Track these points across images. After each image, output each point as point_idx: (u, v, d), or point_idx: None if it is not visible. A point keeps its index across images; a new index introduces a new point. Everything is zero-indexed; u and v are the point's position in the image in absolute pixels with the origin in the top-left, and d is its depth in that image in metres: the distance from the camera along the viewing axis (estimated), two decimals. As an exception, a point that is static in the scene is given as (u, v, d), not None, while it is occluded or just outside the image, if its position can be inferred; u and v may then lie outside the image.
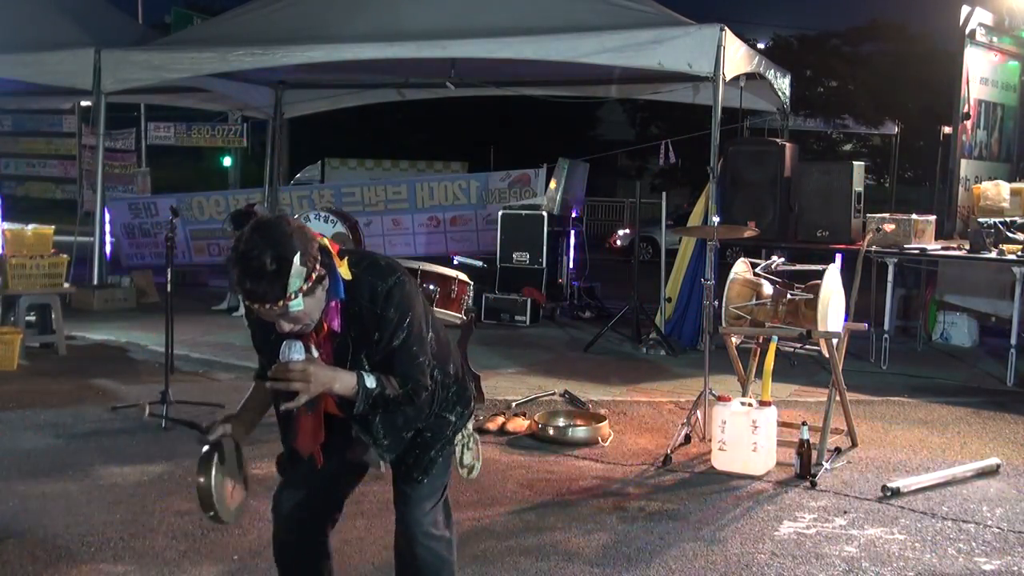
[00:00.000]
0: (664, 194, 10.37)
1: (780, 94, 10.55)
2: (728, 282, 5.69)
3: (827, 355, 5.59)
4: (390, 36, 9.50)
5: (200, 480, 2.65)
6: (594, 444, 5.72)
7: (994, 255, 7.79)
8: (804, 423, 5.20)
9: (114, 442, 5.58)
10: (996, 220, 8.26)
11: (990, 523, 4.56)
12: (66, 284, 8.33)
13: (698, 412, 5.79)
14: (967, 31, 9.42)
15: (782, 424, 5.51)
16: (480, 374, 6.72)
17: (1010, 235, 7.99)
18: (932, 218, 8.62)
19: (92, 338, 8.87)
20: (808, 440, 5.14)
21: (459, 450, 2.97)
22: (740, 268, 5.78)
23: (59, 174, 15.42)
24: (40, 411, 6.21)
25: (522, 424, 5.99)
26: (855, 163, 8.98)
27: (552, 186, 11.43)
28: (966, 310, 9.31)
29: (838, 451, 5.55)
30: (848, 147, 27.75)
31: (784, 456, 5.29)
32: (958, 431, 6.25)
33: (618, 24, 8.93)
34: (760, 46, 20.99)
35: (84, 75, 10.32)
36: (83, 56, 10.30)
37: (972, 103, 9.65)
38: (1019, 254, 7.63)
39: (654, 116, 27.88)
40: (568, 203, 11.37)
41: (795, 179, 8.84)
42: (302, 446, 2.78)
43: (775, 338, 5.65)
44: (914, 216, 8.38)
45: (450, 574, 2.95)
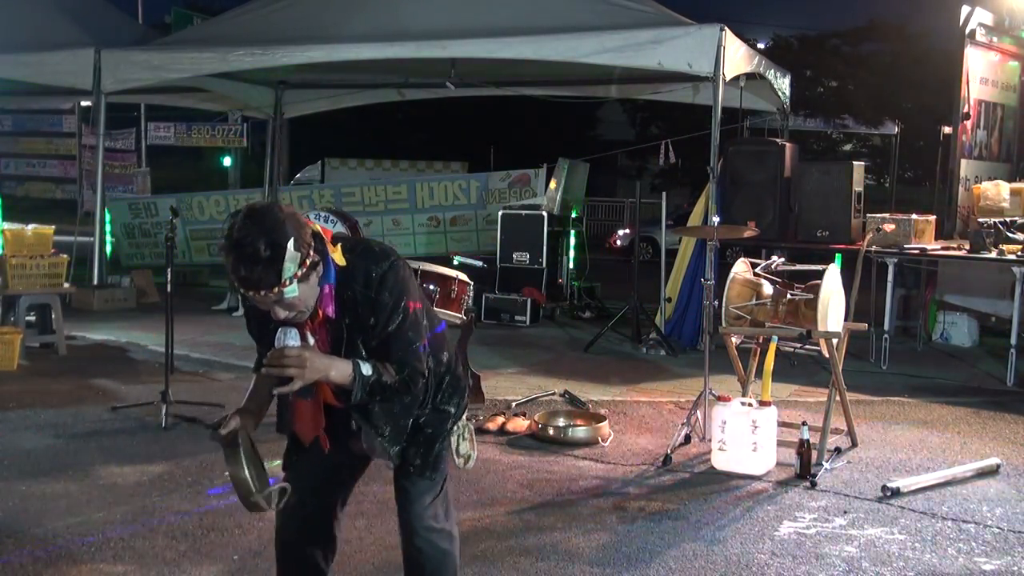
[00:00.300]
0: (664, 194, 10.37)
1: (780, 94, 10.55)
2: (728, 282, 5.68)
3: (827, 355, 5.59)
4: (390, 36, 9.51)
5: (231, 470, 2.59)
6: (594, 444, 5.71)
7: (994, 255, 7.79)
8: (804, 423, 5.20)
9: (114, 442, 5.58)
10: (996, 220, 8.26)
11: (990, 523, 4.56)
12: (66, 284, 8.33)
13: (698, 412, 5.79)
14: (967, 31, 9.42)
15: (782, 424, 5.51)
16: (480, 374, 6.72)
17: (1010, 235, 7.99)
18: (932, 218, 8.62)
19: (92, 338, 8.87)
20: (808, 440, 5.14)
21: (455, 440, 2.95)
22: (740, 268, 5.78)
23: (59, 174, 15.43)
24: (40, 411, 6.21)
25: (522, 424, 5.99)
26: (855, 163, 8.97)
27: (552, 186, 11.43)
28: (966, 310, 9.31)
29: (838, 451, 5.55)
30: (848, 147, 27.75)
31: (784, 456, 5.29)
32: (958, 431, 6.24)
33: (618, 24, 8.93)
34: (760, 46, 21.00)
35: (84, 75, 10.32)
36: (83, 56, 10.30)
37: (972, 103, 9.65)
38: (1019, 254, 7.64)
39: (654, 116, 27.89)
40: (568, 203, 11.37)
41: (795, 179, 8.84)
42: (303, 432, 2.77)
43: (775, 338, 5.65)
44: (914, 216, 8.38)
45: (453, 566, 2.96)
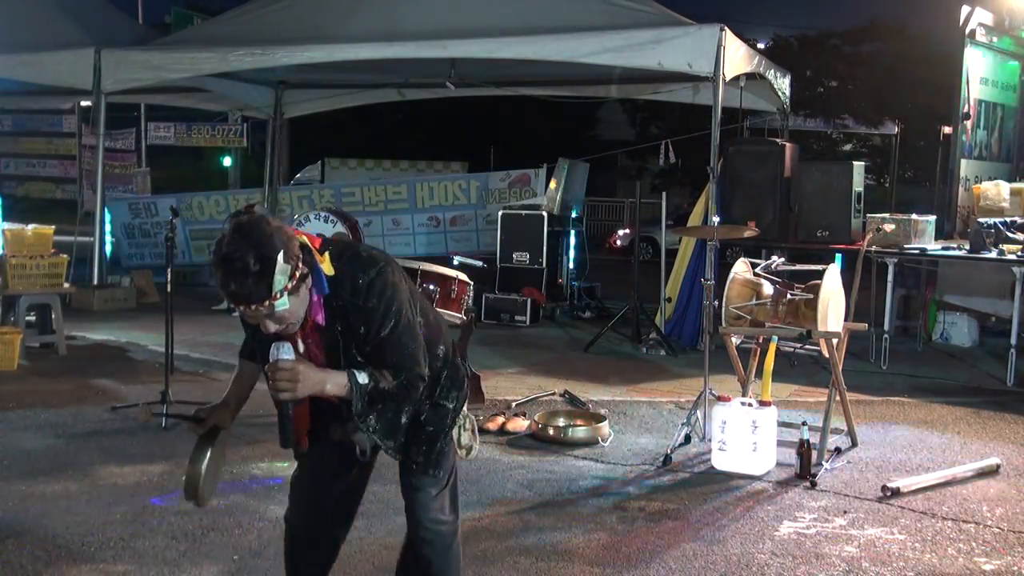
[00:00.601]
0: (664, 194, 10.37)
1: (780, 94, 10.55)
2: (728, 282, 5.68)
3: (827, 355, 5.59)
4: (390, 36, 9.51)
5: (190, 467, 2.73)
6: (594, 444, 5.71)
7: (994, 255, 7.80)
8: (804, 423, 5.20)
9: (114, 442, 5.58)
10: (996, 220, 8.26)
11: (990, 523, 4.56)
12: (66, 284, 8.33)
13: (698, 412, 5.79)
14: (967, 31, 9.43)
15: (782, 424, 5.51)
16: (480, 374, 6.73)
17: (1010, 235, 7.99)
18: (932, 218, 8.62)
19: (92, 338, 8.88)
20: (808, 440, 5.14)
21: (456, 432, 2.96)
22: (740, 268, 5.78)
23: (59, 174, 15.42)
24: (40, 411, 6.21)
25: (522, 424, 5.99)
26: (855, 163, 8.97)
27: (552, 186, 11.42)
28: (966, 310, 9.31)
29: (838, 451, 5.55)
30: (848, 147, 27.72)
31: (784, 456, 5.29)
32: (958, 431, 6.24)
33: (618, 24, 8.93)
34: (760, 46, 20.97)
35: (84, 75, 10.32)
36: (83, 56, 10.30)
37: (972, 103, 9.66)
38: (1019, 254, 7.64)
39: (654, 116, 27.86)
40: (568, 203, 11.37)
41: (795, 179, 8.84)
42: (295, 436, 2.75)
43: (775, 338, 5.65)
44: (914, 216, 8.38)
45: (457, 559, 2.97)
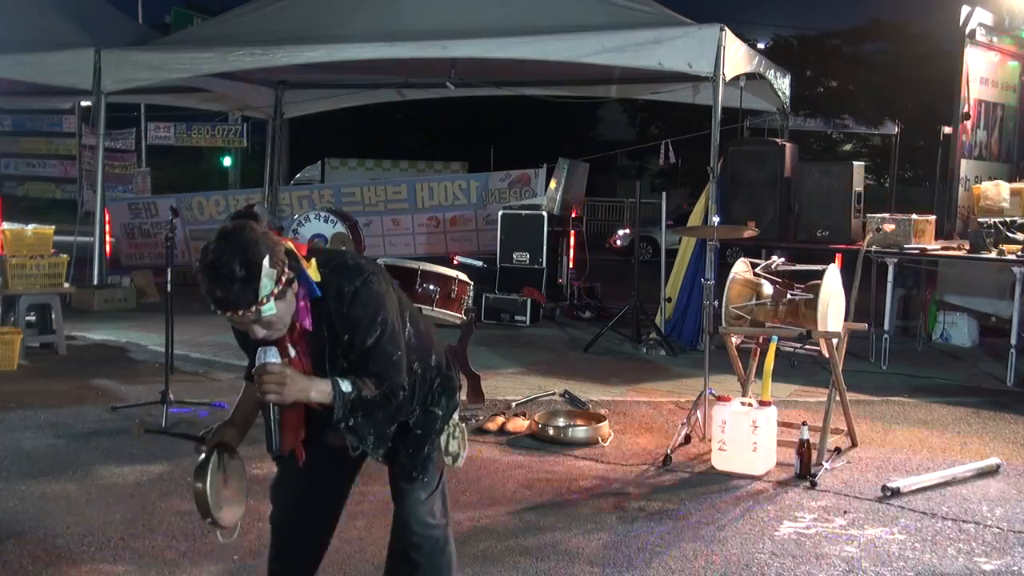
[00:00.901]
0: (664, 194, 10.36)
1: (780, 94, 10.55)
2: (728, 282, 5.68)
3: (827, 355, 5.58)
4: (390, 36, 9.51)
5: (197, 486, 2.65)
6: (594, 444, 5.71)
7: (994, 255, 7.79)
8: (804, 423, 5.20)
9: (114, 442, 5.58)
10: (996, 220, 8.26)
11: (990, 523, 4.56)
12: (66, 284, 8.33)
13: (698, 412, 5.79)
14: (967, 31, 9.42)
15: (782, 424, 5.51)
16: (480, 374, 6.73)
17: (1010, 235, 7.99)
18: (932, 218, 8.61)
19: (92, 338, 8.88)
20: (808, 440, 5.14)
21: (444, 438, 2.95)
22: (740, 268, 5.78)
23: (59, 174, 15.43)
24: (40, 411, 6.21)
25: (522, 424, 5.99)
26: (855, 163, 8.98)
27: (552, 186, 11.42)
28: (966, 310, 9.31)
29: (838, 451, 5.55)
30: (848, 147, 27.72)
31: (784, 456, 5.29)
32: (958, 431, 6.24)
33: (618, 24, 8.93)
34: (760, 46, 20.97)
35: (84, 75, 10.31)
36: (83, 56, 10.30)
37: (972, 103, 9.65)
38: (1019, 254, 7.63)
39: (654, 116, 27.88)
40: (568, 203, 11.37)
41: (795, 179, 8.84)
42: (283, 442, 2.77)
43: (775, 338, 5.65)
44: (914, 216, 8.38)
45: (449, 561, 2.97)
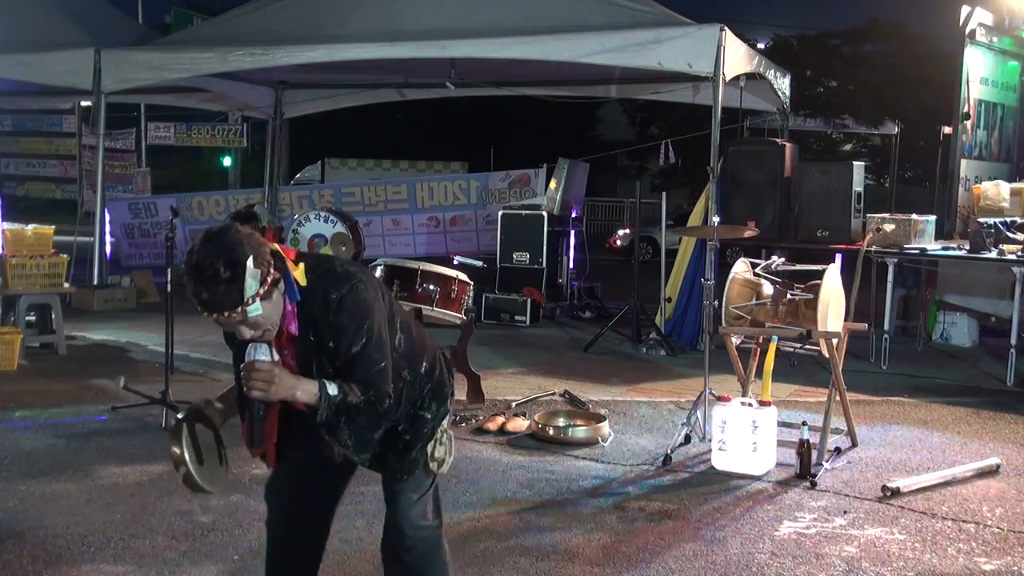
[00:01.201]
0: (664, 194, 10.35)
1: (780, 94, 10.55)
2: (728, 282, 5.68)
3: (827, 355, 5.58)
4: (390, 36, 9.51)
5: (171, 451, 2.66)
6: (594, 444, 5.71)
7: (994, 255, 7.79)
8: (804, 423, 5.20)
9: (114, 442, 5.58)
10: (996, 220, 8.25)
11: (990, 523, 4.56)
12: (66, 284, 8.33)
13: (698, 412, 5.79)
14: (967, 31, 9.42)
15: (782, 424, 5.51)
16: (480, 374, 6.73)
17: (1010, 235, 7.98)
18: (932, 218, 8.61)
19: (92, 338, 8.87)
20: (808, 440, 5.14)
21: (431, 445, 2.94)
22: (740, 268, 5.78)
23: (59, 174, 15.42)
24: (40, 411, 6.21)
25: (522, 424, 5.99)
26: (855, 163, 8.96)
27: (552, 186, 11.42)
28: (966, 310, 9.31)
29: (838, 451, 5.55)
30: (848, 147, 27.72)
31: (784, 456, 5.29)
32: (958, 431, 6.24)
33: (618, 24, 8.92)
34: (760, 46, 20.96)
35: (84, 75, 10.30)
36: (83, 56, 10.29)
37: (972, 103, 9.65)
38: (1019, 254, 7.63)
39: (654, 116, 27.87)
40: (568, 203, 11.37)
41: (795, 179, 8.83)
42: (264, 439, 2.76)
43: (775, 338, 5.65)
44: (914, 216, 8.37)
45: (442, 562, 2.98)
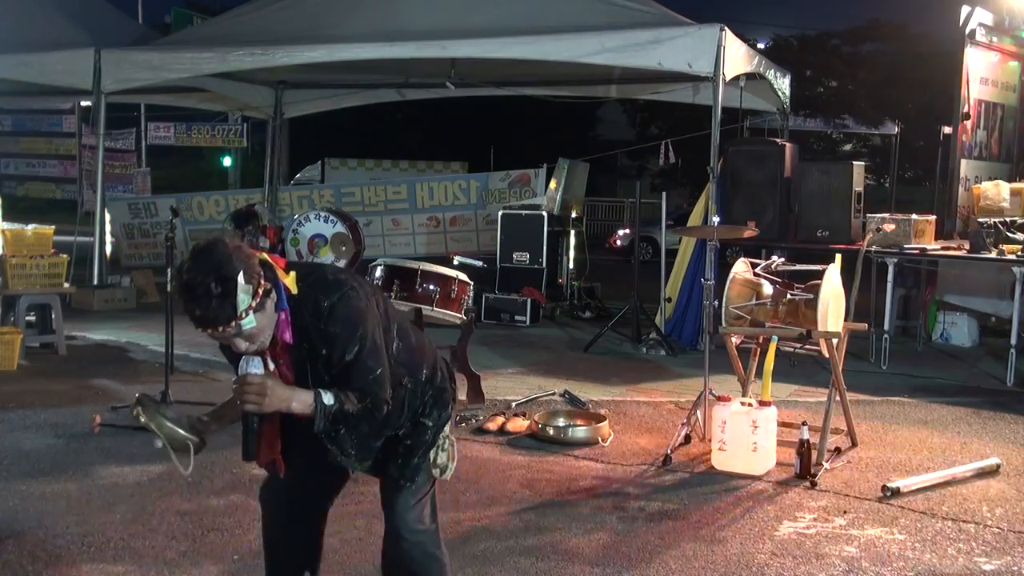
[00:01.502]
0: (664, 194, 10.36)
1: (780, 94, 10.55)
2: (728, 282, 5.68)
3: (827, 355, 5.58)
4: (390, 36, 9.51)
5: (141, 419, 2.72)
6: (594, 444, 5.71)
7: (994, 255, 7.79)
8: (804, 423, 5.20)
9: (114, 442, 5.57)
10: (996, 220, 8.26)
11: (990, 523, 4.56)
12: (66, 284, 8.33)
13: (698, 412, 5.79)
14: (967, 31, 9.42)
15: (782, 424, 5.51)
16: (480, 374, 6.73)
17: (1010, 235, 7.99)
18: (932, 218, 8.61)
19: (92, 338, 8.87)
20: (808, 440, 5.14)
21: (433, 451, 2.95)
22: (740, 268, 5.78)
23: (59, 174, 15.43)
24: (40, 411, 6.20)
25: (522, 424, 5.99)
26: (855, 163, 8.97)
27: (552, 186, 11.43)
28: (966, 310, 9.31)
29: (838, 451, 5.55)
30: (848, 147, 27.75)
31: (784, 456, 5.29)
32: (958, 431, 6.24)
33: (618, 24, 8.92)
34: (760, 46, 20.99)
35: (84, 75, 10.31)
36: (83, 56, 10.29)
37: (972, 103, 9.65)
38: (1019, 254, 7.63)
39: (654, 116, 27.91)
40: (568, 203, 11.36)
41: (795, 179, 8.84)
42: (260, 455, 2.77)
43: (775, 338, 5.65)
44: (914, 216, 8.37)
45: (439, 566, 2.98)
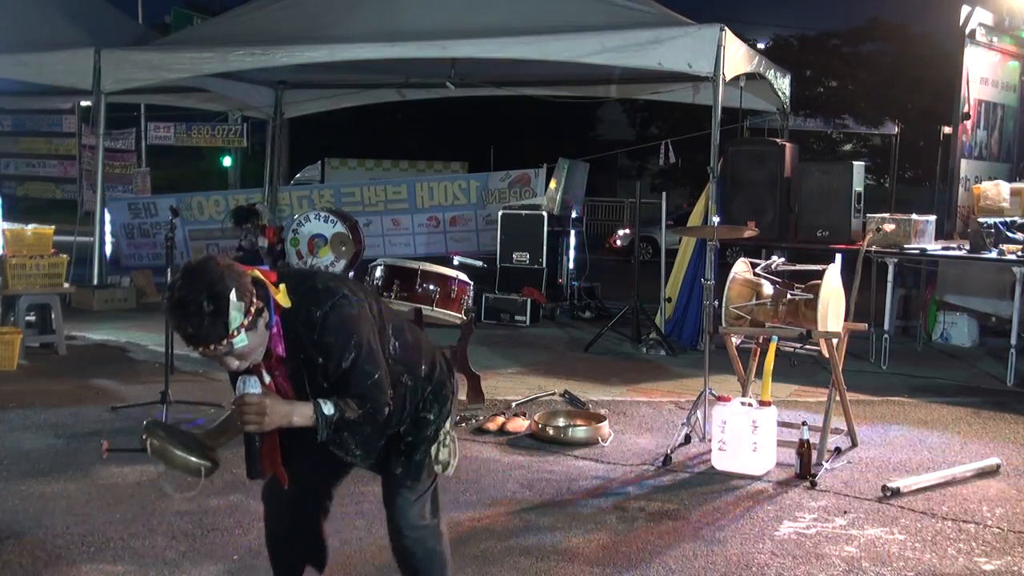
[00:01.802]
0: (664, 194, 10.36)
1: (780, 94, 10.55)
2: (728, 282, 5.68)
3: (827, 355, 5.58)
4: (390, 36, 9.51)
5: (152, 442, 2.67)
6: (594, 444, 5.71)
7: (994, 255, 7.79)
8: (804, 423, 5.20)
9: (114, 442, 5.56)
10: (996, 220, 8.25)
11: (990, 523, 4.56)
12: (66, 284, 8.33)
13: (698, 412, 5.79)
14: (967, 31, 9.42)
15: (782, 424, 5.50)
16: (480, 374, 6.73)
17: (1010, 235, 7.98)
18: (932, 218, 8.61)
19: (92, 338, 8.87)
20: (808, 440, 5.14)
21: (435, 448, 2.95)
22: (740, 268, 5.78)
23: (59, 174, 15.41)
24: (40, 411, 6.20)
25: (522, 424, 5.99)
26: (855, 163, 8.97)
27: (552, 186, 11.42)
28: (966, 310, 9.31)
29: (838, 451, 5.55)
30: (848, 147, 27.76)
31: (784, 456, 5.29)
32: (958, 431, 6.24)
33: (618, 24, 8.92)
34: (760, 46, 20.99)
35: (84, 75, 10.30)
36: (83, 56, 10.29)
37: (972, 103, 9.65)
38: (1019, 254, 7.63)
39: (654, 116, 27.92)
40: (568, 203, 11.36)
41: (795, 179, 8.84)
42: (262, 469, 2.78)
43: (775, 338, 5.65)
44: (914, 216, 8.37)
45: (440, 561, 3.00)
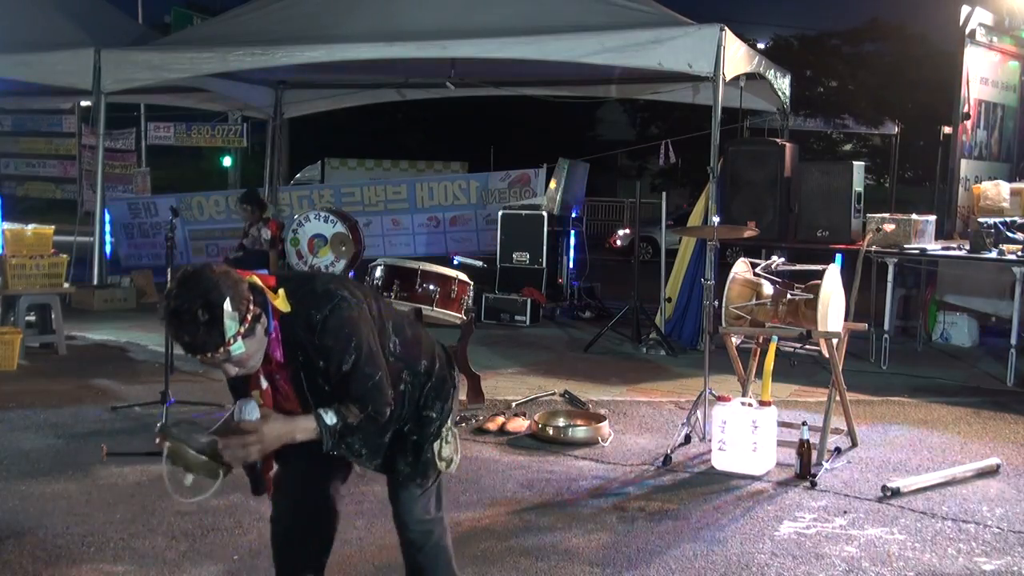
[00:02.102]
0: (664, 194, 10.36)
1: (780, 94, 10.55)
2: (728, 282, 5.68)
3: (827, 355, 5.59)
4: (390, 36, 9.51)
5: (167, 443, 2.61)
6: (594, 444, 5.71)
7: (994, 255, 7.79)
8: (804, 423, 5.20)
9: (114, 442, 5.56)
10: (996, 220, 8.25)
11: (990, 523, 4.56)
12: (66, 284, 8.33)
13: (698, 412, 5.79)
14: (967, 31, 9.42)
15: (782, 424, 5.50)
16: (480, 374, 6.73)
17: (1010, 235, 7.98)
18: (932, 218, 8.61)
19: (92, 338, 8.87)
20: (808, 440, 5.14)
21: (438, 444, 2.95)
22: (740, 268, 5.78)
23: (59, 174, 15.39)
24: (40, 411, 6.20)
25: (522, 424, 5.99)
26: (855, 163, 8.97)
27: (552, 186, 11.42)
28: (966, 310, 9.31)
29: (838, 451, 5.55)
30: (848, 147, 27.76)
31: (784, 456, 5.29)
32: (958, 431, 6.24)
33: (618, 24, 8.92)
34: (760, 46, 20.99)
35: (84, 75, 10.31)
36: (83, 56, 10.29)
37: (972, 103, 9.65)
38: (1019, 254, 7.63)
39: (654, 116, 27.92)
40: (568, 203, 11.36)
41: (795, 179, 8.84)
42: (267, 483, 2.80)
43: (775, 338, 5.65)
44: (914, 216, 8.37)
45: (446, 556, 3.02)
